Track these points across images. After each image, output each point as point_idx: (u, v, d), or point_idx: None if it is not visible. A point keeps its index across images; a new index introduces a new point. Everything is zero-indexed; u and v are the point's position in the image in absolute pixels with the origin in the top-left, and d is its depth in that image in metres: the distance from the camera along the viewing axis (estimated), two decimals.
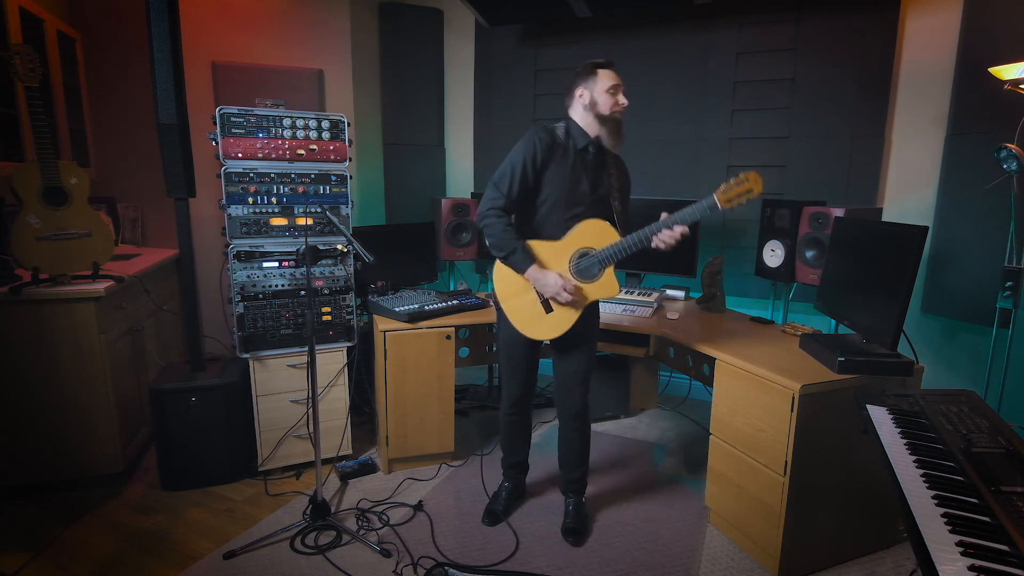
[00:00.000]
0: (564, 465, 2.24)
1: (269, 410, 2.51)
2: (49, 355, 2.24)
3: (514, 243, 1.91)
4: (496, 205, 1.91)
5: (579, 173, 1.96)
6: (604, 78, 1.92)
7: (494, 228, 1.91)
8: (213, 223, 3.11)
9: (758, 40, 3.07)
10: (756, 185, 1.79)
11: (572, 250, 1.95)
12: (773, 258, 2.62)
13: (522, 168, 1.90)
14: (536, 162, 1.90)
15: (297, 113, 2.42)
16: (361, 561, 2.01)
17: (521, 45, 3.62)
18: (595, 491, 2.45)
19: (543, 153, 1.90)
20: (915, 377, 1.95)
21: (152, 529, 2.17)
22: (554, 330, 1.98)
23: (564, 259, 1.95)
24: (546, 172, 1.93)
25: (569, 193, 1.94)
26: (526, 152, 1.90)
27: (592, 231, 1.93)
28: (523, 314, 2.00)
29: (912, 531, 1.00)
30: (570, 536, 2.14)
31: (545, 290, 1.93)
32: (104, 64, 3.21)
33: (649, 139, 3.35)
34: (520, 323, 2.01)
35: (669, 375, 3.47)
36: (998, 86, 2.15)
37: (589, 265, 1.93)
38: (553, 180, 1.94)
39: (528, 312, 2.00)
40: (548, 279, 1.91)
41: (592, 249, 1.93)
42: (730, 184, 1.80)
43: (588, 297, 1.95)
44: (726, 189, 1.79)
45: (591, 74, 1.94)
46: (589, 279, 1.94)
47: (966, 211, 2.60)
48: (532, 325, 2.00)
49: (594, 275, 1.94)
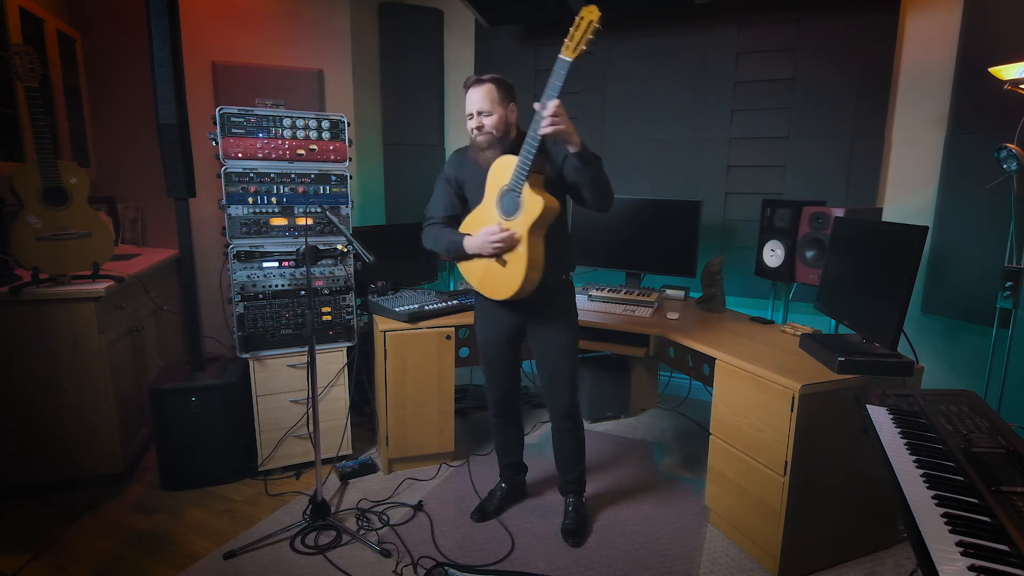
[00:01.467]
0: (560, 465, 2.23)
1: (269, 410, 2.51)
2: (49, 355, 2.24)
3: (445, 237, 2.01)
4: (428, 223, 2.09)
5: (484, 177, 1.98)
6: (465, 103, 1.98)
7: (429, 238, 2.08)
8: (213, 223, 3.11)
9: (758, 40, 3.07)
10: (589, 14, 1.74)
11: (493, 199, 1.92)
12: (773, 258, 2.61)
13: (444, 189, 2.08)
14: (452, 182, 2.08)
15: (297, 113, 2.42)
16: (361, 561, 2.01)
17: (521, 45, 3.62)
18: (595, 491, 2.45)
19: (456, 170, 2.07)
20: (915, 377, 1.95)
21: (152, 529, 2.17)
22: (513, 279, 1.89)
23: (492, 211, 1.92)
24: (465, 186, 2.06)
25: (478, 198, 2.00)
26: (444, 177, 2.10)
27: (497, 171, 1.91)
28: (491, 282, 1.97)
29: (912, 531, 1.00)
30: (569, 537, 2.13)
31: (483, 250, 1.91)
32: (104, 64, 3.21)
33: (649, 139, 3.35)
34: (493, 291, 1.97)
35: (669, 375, 3.47)
36: (998, 86, 2.15)
37: (510, 199, 1.86)
38: (474, 189, 2.01)
39: (493, 277, 1.96)
40: (476, 240, 1.92)
41: (505, 184, 1.88)
42: (569, 34, 1.75)
43: (522, 228, 1.85)
44: (568, 42, 1.75)
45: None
46: (516, 212, 1.86)
47: (966, 211, 2.60)
48: (499, 286, 1.95)
49: (518, 205, 1.85)
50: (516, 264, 1.89)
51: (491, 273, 1.96)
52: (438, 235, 2.04)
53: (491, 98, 1.93)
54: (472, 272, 2.02)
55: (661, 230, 2.91)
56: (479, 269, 1.99)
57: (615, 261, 3.06)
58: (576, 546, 2.11)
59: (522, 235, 1.85)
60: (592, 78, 3.44)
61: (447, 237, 2.01)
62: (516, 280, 1.89)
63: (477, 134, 1.95)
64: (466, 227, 2.01)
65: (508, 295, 1.93)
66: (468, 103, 1.96)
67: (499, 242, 1.86)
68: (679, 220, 2.87)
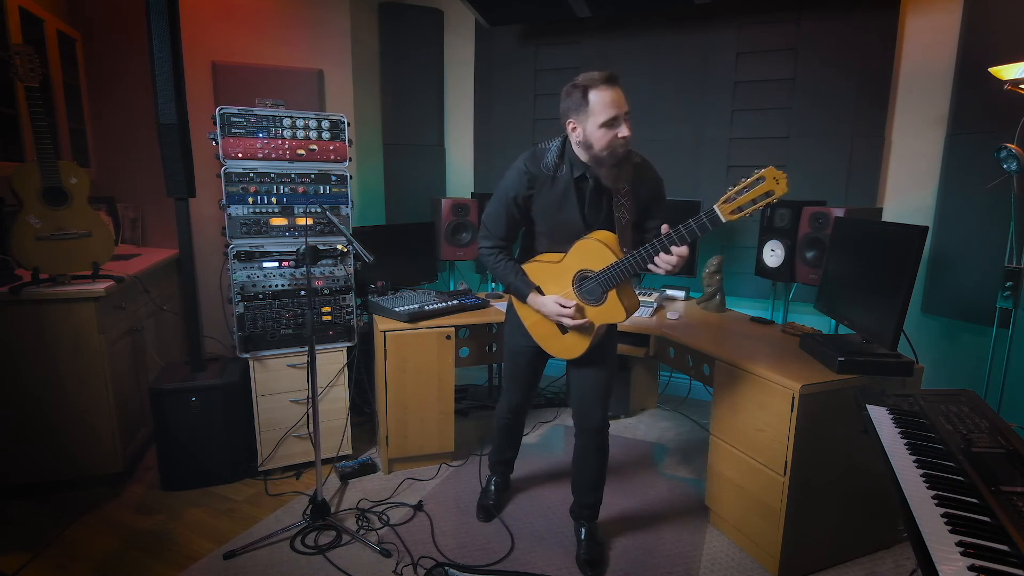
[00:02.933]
0: (579, 487, 2.08)
1: (269, 410, 2.51)
2: (49, 355, 2.24)
3: (510, 275, 1.90)
4: (487, 245, 1.92)
5: (570, 205, 1.79)
6: (599, 108, 1.62)
7: (490, 266, 1.94)
8: (213, 223, 3.11)
9: (758, 40, 3.07)
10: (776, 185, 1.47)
11: (574, 270, 1.81)
12: (773, 258, 2.61)
13: (506, 208, 1.84)
14: (518, 201, 1.82)
15: (297, 113, 2.42)
16: (361, 561, 2.01)
17: (521, 45, 3.62)
18: None
19: (525, 190, 1.80)
20: (915, 377, 1.95)
21: (152, 529, 2.17)
22: (569, 352, 1.89)
23: (567, 280, 1.83)
24: (533, 207, 1.83)
25: (559, 227, 1.82)
26: (507, 192, 1.83)
27: (590, 250, 1.76)
28: (543, 332, 1.95)
29: (912, 531, 1.00)
30: (589, 568, 1.97)
31: (548, 316, 1.86)
32: (104, 64, 3.21)
33: (649, 139, 3.35)
34: (541, 340, 1.96)
35: (669, 375, 3.47)
36: (998, 86, 2.15)
37: (591, 287, 1.78)
38: (541, 214, 1.83)
39: (546, 331, 1.93)
40: (547, 306, 1.83)
41: (591, 271, 1.76)
42: (737, 187, 1.51)
43: (594, 321, 1.81)
44: (732, 195, 1.52)
45: (582, 102, 1.64)
46: (594, 302, 1.79)
47: (966, 211, 2.60)
48: (550, 343, 1.94)
49: (598, 297, 1.78)
50: (578, 341, 1.87)
51: (546, 329, 1.92)
52: (505, 272, 1.89)
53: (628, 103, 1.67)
54: (527, 312, 1.95)
55: None
56: (535, 315, 1.93)
57: None
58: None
59: (593, 328, 1.83)
60: None
61: (513, 280, 1.88)
62: (573, 352, 1.89)
63: (622, 143, 1.66)
64: (535, 273, 1.89)
65: (557, 357, 1.92)
66: (612, 103, 1.62)
67: (569, 324, 1.81)
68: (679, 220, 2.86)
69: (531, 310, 1.93)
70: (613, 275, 1.71)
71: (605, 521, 2.25)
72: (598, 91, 1.63)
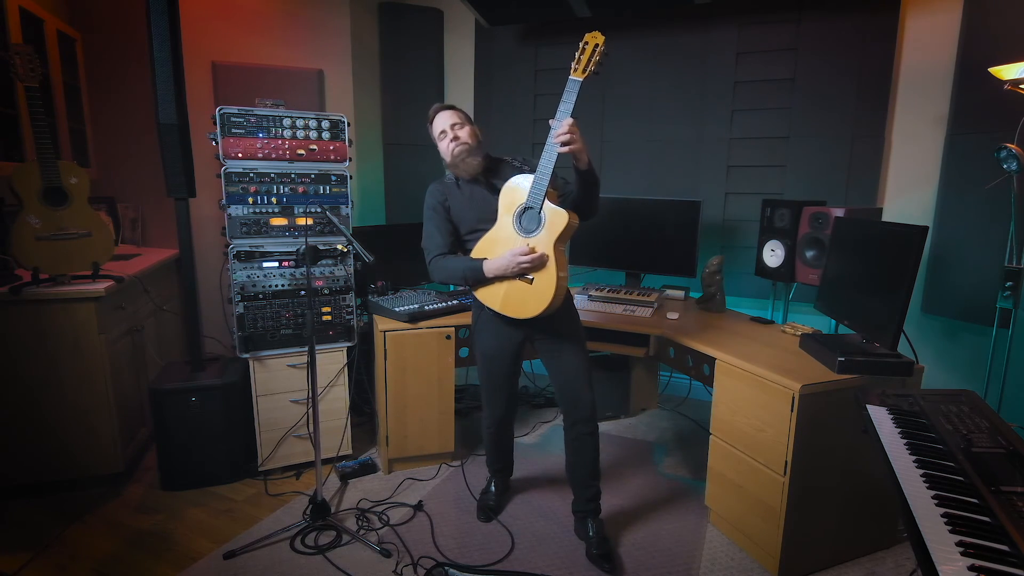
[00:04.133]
0: (577, 480, 2.11)
1: (269, 410, 2.51)
2: (49, 355, 2.24)
3: (460, 264, 1.98)
4: (432, 255, 2.03)
5: (477, 192, 2.02)
6: (434, 126, 2.03)
7: (440, 270, 2.01)
8: (213, 223, 3.11)
9: (758, 40, 3.07)
10: (593, 39, 1.78)
11: (509, 218, 1.90)
12: (773, 258, 2.61)
13: (434, 221, 2.03)
14: (440, 209, 2.03)
15: (297, 113, 2.42)
16: (361, 561, 2.01)
17: (521, 45, 3.62)
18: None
19: (440, 198, 2.04)
20: (915, 377, 1.95)
21: (152, 529, 2.17)
22: (543, 298, 1.88)
23: (510, 232, 1.91)
24: (451, 212, 2.04)
25: (478, 216, 2.00)
26: (429, 208, 2.05)
27: (511, 191, 1.91)
28: (516, 302, 1.93)
29: (912, 531, 1.00)
30: (605, 563, 1.98)
31: (507, 271, 1.88)
32: (104, 64, 3.21)
33: (649, 139, 3.35)
34: (519, 310, 1.94)
35: (669, 375, 3.47)
36: (998, 86, 2.15)
37: (530, 217, 1.87)
38: (461, 212, 2.03)
39: (518, 296, 1.93)
40: (500, 261, 1.88)
41: (522, 203, 1.87)
42: (576, 57, 1.80)
43: (547, 245, 1.85)
44: (575, 64, 1.80)
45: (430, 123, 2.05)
46: (538, 228, 1.86)
47: (966, 211, 2.60)
48: (525, 303, 1.92)
49: (539, 221, 1.85)
50: (545, 280, 1.88)
51: (516, 293, 1.93)
52: (451, 265, 1.99)
53: (459, 116, 2.03)
54: (492, 296, 1.97)
55: (661, 230, 2.91)
56: (500, 291, 1.94)
57: (615, 261, 3.06)
58: (612, 572, 1.97)
59: (549, 251, 1.85)
60: (592, 78, 3.42)
61: (463, 264, 1.97)
62: (547, 295, 1.89)
63: (455, 146, 1.98)
64: (481, 252, 1.96)
65: (538, 312, 1.92)
66: (438, 125, 2.02)
67: (528, 263, 1.84)
68: (679, 220, 2.87)
69: (495, 289, 1.95)
70: (538, 183, 1.84)
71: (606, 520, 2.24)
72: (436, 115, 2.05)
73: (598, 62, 1.79)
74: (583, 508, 2.12)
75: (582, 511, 2.13)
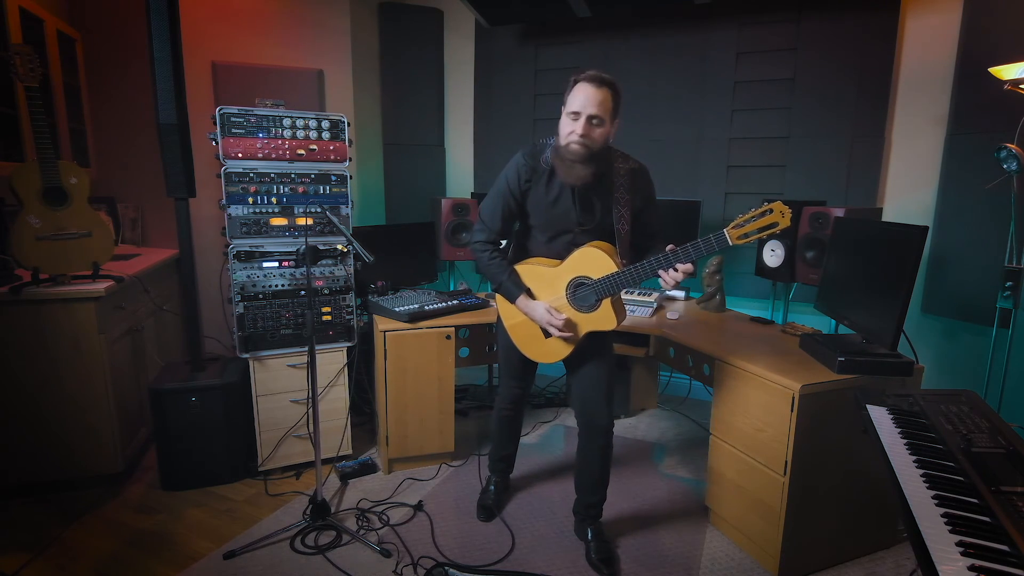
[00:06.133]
0: (583, 486, 2.08)
1: (269, 410, 2.51)
2: (49, 355, 2.24)
3: (501, 274, 1.89)
4: (480, 239, 1.92)
5: (564, 199, 1.82)
6: (572, 97, 1.69)
7: (481, 262, 1.93)
8: (213, 223, 3.11)
9: (758, 40, 3.07)
10: (781, 218, 1.54)
11: (569, 277, 1.83)
12: (773, 258, 2.61)
13: (503, 200, 1.86)
14: (516, 192, 1.84)
15: (297, 113, 2.42)
16: (361, 561, 2.01)
17: (521, 45, 3.62)
18: None
19: (523, 181, 1.83)
20: (915, 377, 1.94)
21: (152, 529, 2.17)
22: (548, 356, 1.92)
23: (560, 286, 1.84)
24: (528, 199, 1.86)
25: (551, 222, 1.85)
26: (505, 183, 1.86)
27: (589, 259, 1.79)
28: (524, 335, 1.96)
29: (912, 531, 1.00)
30: (605, 568, 1.96)
31: (535, 321, 1.87)
32: (104, 64, 3.21)
33: (649, 139, 3.35)
34: (521, 343, 1.98)
35: (669, 375, 3.47)
36: (998, 86, 2.15)
37: (584, 296, 1.81)
38: (536, 208, 1.86)
39: (528, 334, 1.95)
40: (536, 311, 1.84)
41: (589, 278, 1.79)
42: (747, 215, 1.58)
43: (582, 329, 1.84)
44: (741, 222, 1.58)
45: (569, 87, 1.71)
46: (587, 309, 1.82)
47: (966, 211, 2.60)
48: (532, 347, 1.96)
49: (591, 304, 1.81)
50: (559, 348, 1.89)
51: (529, 331, 1.93)
52: (494, 269, 1.89)
53: (607, 107, 1.68)
54: (510, 314, 1.96)
55: None
56: (518, 318, 1.93)
57: None
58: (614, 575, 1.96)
59: (579, 335, 1.85)
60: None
61: (503, 280, 1.87)
62: (552, 357, 1.90)
63: (576, 140, 1.68)
64: (527, 275, 1.90)
65: (537, 360, 1.94)
66: (579, 100, 1.66)
67: (555, 333, 1.82)
68: (679, 220, 2.87)
69: (515, 311, 1.94)
70: (612, 284, 1.75)
71: (605, 521, 2.24)
72: (580, 84, 1.69)
73: (761, 238, 1.62)
74: (584, 512, 2.12)
75: (582, 512, 2.12)
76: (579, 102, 1.67)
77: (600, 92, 1.67)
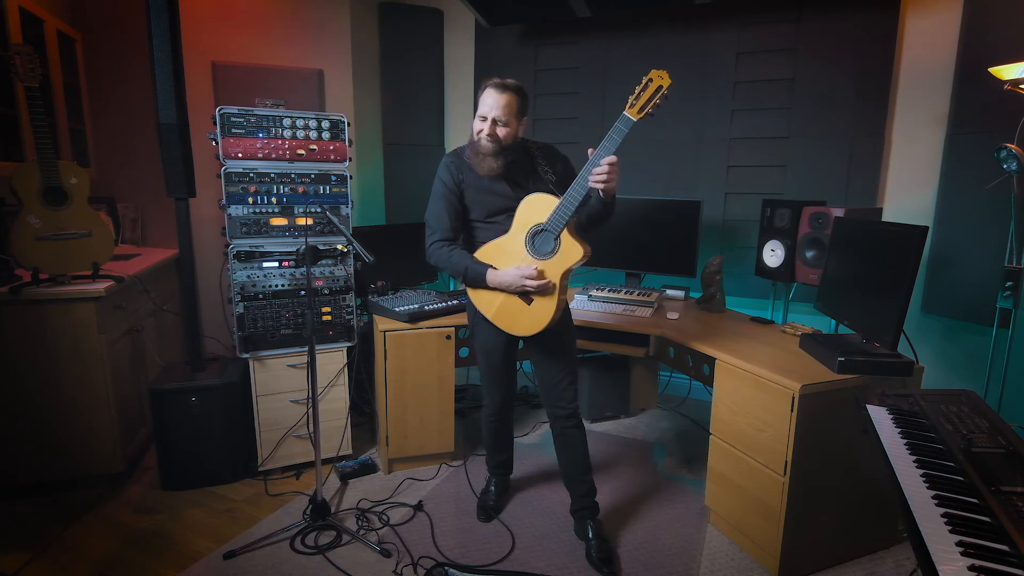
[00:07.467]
0: (570, 477, 2.11)
1: (269, 410, 2.51)
2: (49, 355, 2.24)
3: (464, 260, 1.94)
4: (435, 239, 1.98)
5: (497, 180, 1.93)
6: (480, 102, 1.88)
7: (441, 259, 1.97)
8: (213, 223, 3.11)
9: (758, 40, 3.07)
10: (660, 79, 1.69)
11: (523, 233, 1.88)
12: (773, 258, 2.61)
13: (444, 200, 1.96)
14: (453, 188, 1.96)
15: (297, 113, 2.42)
16: (361, 561, 2.01)
17: (521, 45, 3.62)
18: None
19: (456, 176, 1.96)
20: (915, 377, 1.95)
21: (152, 529, 2.17)
22: (537, 322, 1.89)
23: (519, 245, 1.89)
24: (466, 193, 1.97)
25: (491, 204, 1.96)
26: (442, 184, 1.97)
27: (531, 208, 1.87)
28: (508, 316, 1.94)
29: (912, 531, 1.00)
30: (605, 567, 1.96)
31: (510, 287, 1.88)
32: (104, 64, 3.21)
33: (649, 139, 3.35)
34: (509, 325, 1.96)
35: (669, 375, 3.47)
36: (998, 86, 2.15)
37: (544, 240, 1.85)
38: (474, 198, 1.97)
39: (511, 312, 1.94)
40: (506, 276, 1.87)
41: (540, 222, 1.85)
42: (636, 92, 1.71)
43: (556, 273, 1.85)
44: (633, 100, 1.71)
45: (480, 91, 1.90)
46: (551, 253, 1.85)
47: (966, 211, 2.60)
48: (520, 322, 1.93)
49: (553, 247, 1.84)
50: (544, 305, 1.88)
51: (511, 308, 1.92)
52: (455, 260, 1.94)
53: (511, 109, 1.86)
54: (487, 303, 1.96)
55: (661, 230, 2.92)
56: (496, 301, 1.94)
57: (615, 261, 3.06)
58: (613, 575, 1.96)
59: (556, 280, 1.85)
60: (592, 78, 3.44)
61: (467, 264, 1.92)
62: (542, 322, 1.89)
63: (485, 139, 1.87)
64: (487, 256, 1.94)
65: (530, 332, 1.92)
66: (485, 104, 1.86)
67: (533, 287, 1.83)
68: (679, 220, 2.87)
69: (491, 297, 1.95)
70: (563, 211, 1.81)
71: (605, 520, 2.24)
72: (487, 89, 1.87)
73: (657, 104, 1.70)
74: (581, 507, 2.12)
75: (580, 511, 2.12)
76: (486, 106, 1.86)
77: (504, 96, 1.85)
